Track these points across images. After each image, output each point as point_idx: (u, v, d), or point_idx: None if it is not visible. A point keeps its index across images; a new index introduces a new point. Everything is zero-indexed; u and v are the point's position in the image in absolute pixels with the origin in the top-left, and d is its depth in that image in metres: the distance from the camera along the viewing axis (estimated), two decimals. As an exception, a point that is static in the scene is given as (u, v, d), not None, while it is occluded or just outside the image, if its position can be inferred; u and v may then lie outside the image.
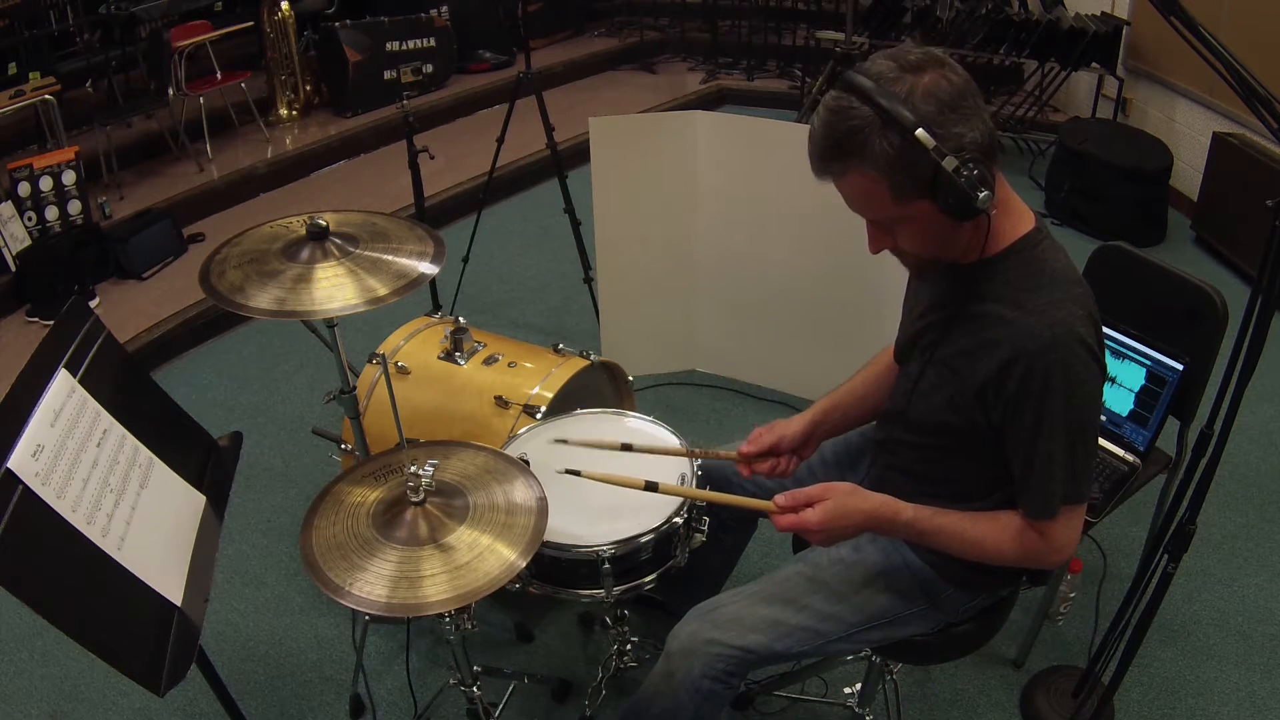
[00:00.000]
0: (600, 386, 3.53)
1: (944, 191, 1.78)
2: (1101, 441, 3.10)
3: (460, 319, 3.46)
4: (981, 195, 1.77)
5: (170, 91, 6.90)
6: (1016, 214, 2.00)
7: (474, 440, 2.50)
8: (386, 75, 8.16)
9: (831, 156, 1.84)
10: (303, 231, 2.52)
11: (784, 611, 2.26)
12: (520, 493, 2.27)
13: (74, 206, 5.65)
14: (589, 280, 5.00)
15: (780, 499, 2.10)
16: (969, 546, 2.09)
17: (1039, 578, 2.40)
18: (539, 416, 3.05)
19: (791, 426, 2.47)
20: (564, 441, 2.57)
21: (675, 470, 2.62)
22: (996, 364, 1.94)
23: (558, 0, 9.95)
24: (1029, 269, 1.96)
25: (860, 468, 2.57)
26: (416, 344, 3.44)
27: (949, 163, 1.74)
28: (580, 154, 4.73)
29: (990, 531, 2.08)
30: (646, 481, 2.24)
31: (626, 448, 2.43)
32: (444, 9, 8.67)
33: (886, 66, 1.80)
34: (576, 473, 2.29)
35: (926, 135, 1.73)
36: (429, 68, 8.49)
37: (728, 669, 2.24)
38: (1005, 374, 1.93)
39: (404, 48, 8.28)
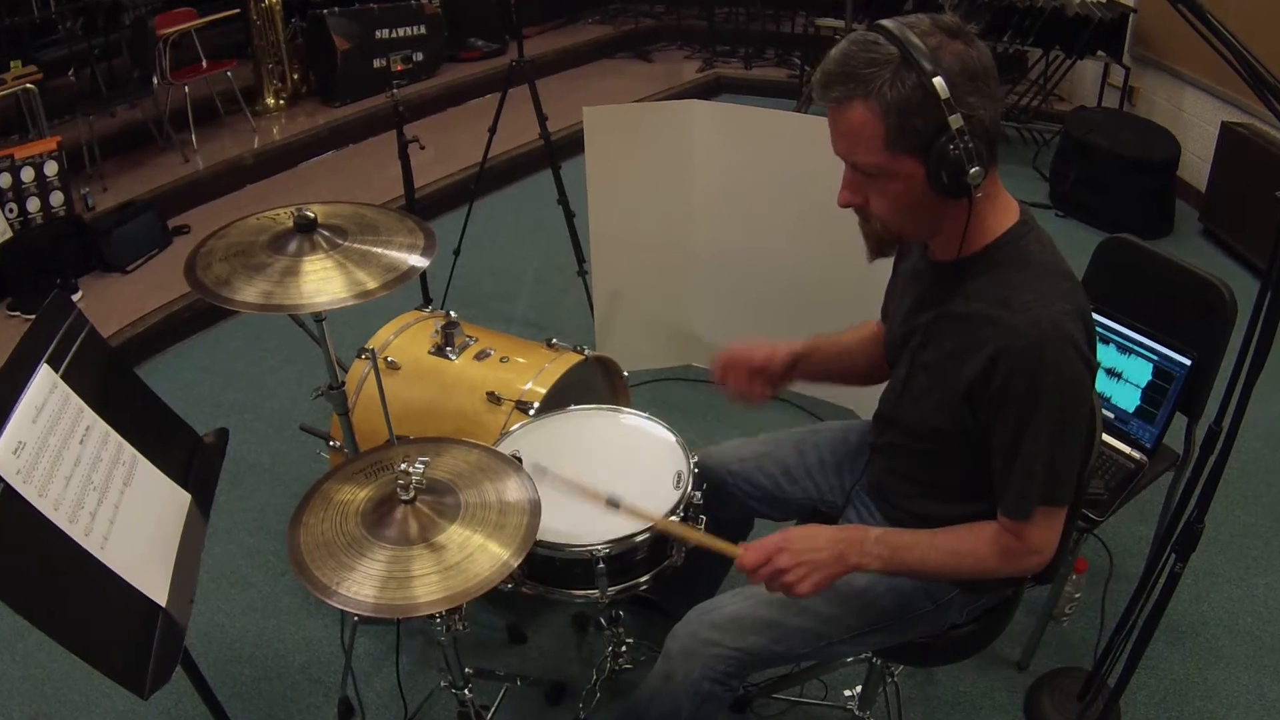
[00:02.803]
0: (595, 382, 3.53)
1: (938, 155, 1.78)
2: (1107, 438, 3.10)
3: (451, 313, 3.46)
4: (973, 170, 1.77)
5: (155, 80, 6.89)
6: (1003, 209, 1.99)
7: (465, 437, 2.49)
8: (376, 63, 8.14)
9: (838, 80, 1.82)
10: (290, 223, 2.51)
11: (784, 613, 2.26)
12: (513, 491, 2.27)
13: (56, 198, 5.64)
14: (583, 273, 5.00)
15: (745, 546, 2.11)
16: (945, 556, 2.08)
17: (1043, 576, 2.40)
18: (532, 413, 3.05)
19: (780, 347, 2.53)
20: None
21: (672, 467, 2.62)
22: (981, 364, 1.93)
23: (551, -14, 9.94)
24: (1014, 264, 1.96)
25: (857, 467, 2.57)
26: (406, 339, 3.44)
27: (954, 120, 1.75)
28: (574, 144, 4.72)
29: (966, 539, 2.08)
30: (609, 498, 2.25)
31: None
32: (435, -5, 8.67)
33: (923, 20, 1.81)
34: (544, 470, 2.29)
35: (943, 85, 1.73)
36: (419, 56, 8.49)
37: (727, 670, 2.24)
38: (989, 373, 1.92)
39: (394, 35, 8.27)
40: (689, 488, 2.56)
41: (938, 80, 1.73)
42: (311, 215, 2.50)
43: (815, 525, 2.14)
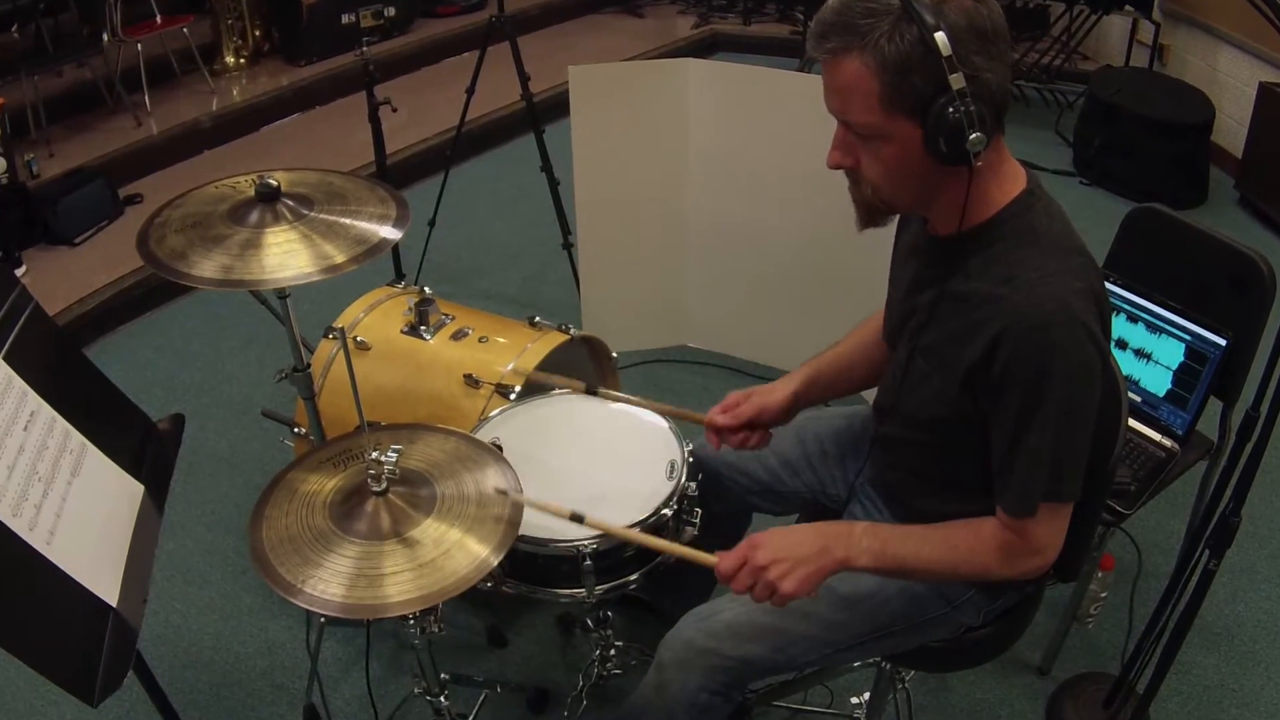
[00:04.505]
0: (581, 364, 3.53)
1: (936, 117, 1.76)
2: (1136, 424, 3.11)
3: (426, 289, 3.45)
4: (973, 136, 1.75)
5: (105, 37, 6.84)
6: (1007, 178, 1.97)
7: (441, 423, 2.49)
8: (344, 19, 8.08)
9: (834, 31, 1.80)
10: (251, 192, 2.50)
11: (787, 619, 2.25)
12: (493, 482, 2.27)
13: (-3, 164, 5.63)
14: (568, 246, 5.00)
15: (721, 555, 2.08)
16: (940, 552, 2.06)
17: (1066, 573, 2.39)
18: (513, 397, 3.04)
19: (774, 398, 2.47)
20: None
21: (665, 457, 2.62)
22: (982, 347, 1.92)
23: (534, -65, 9.88)
24: (1019, 238, 1.94)
25: (862, 457, 2.56)
26: (377, 317, 3.43)
27: (956, 80, 1.72)
28: (559, 106, 4.71)
29: (963, 535, 2.07)
30: (573, 513, 2.25)
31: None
32: (408, -55, 8.63)
33: None
34: (504, 493, 2.26)
35: (945, 41, 1.71)
36: (391, 10, 8.42)
37: (726, 681, 2.25)
38: (990, 357, 1.91)
39: (363, -12, 8.23)
40: (683, 478, 2.56)
41: (940, 35, 1.71)
42: (274, 183, 2.48)
43: (791, 526, 2.12)
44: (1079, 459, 1.96)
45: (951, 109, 1.74)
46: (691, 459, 2.62)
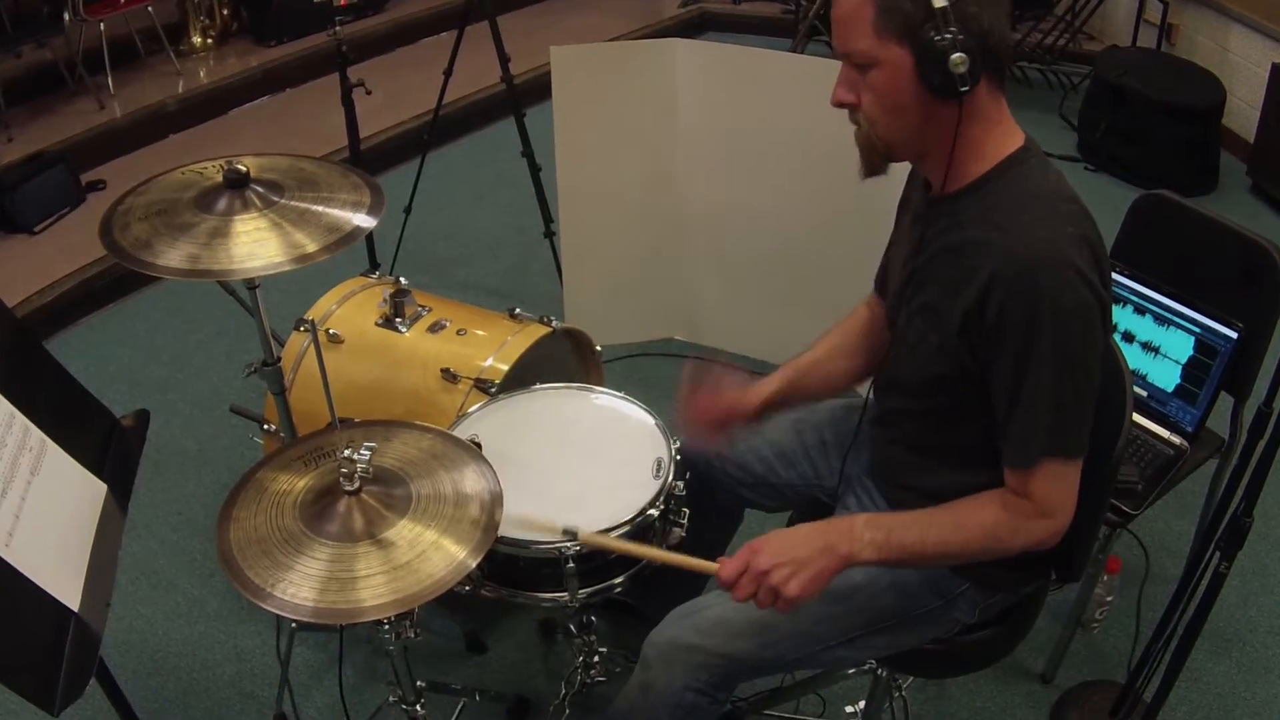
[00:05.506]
0: (564, 357, 3.53)
1: (924, 42, 1.84)
2: (1143, 420, 3.11)
3: (401, 280, 3.45)
4: (954, 56, 1.82)
5: (66, 16, 6.80)
6: (1007, 135, 2.03)
7: (417, 420, 2.49)
8: (316, -3, 8.08)
9: None
10: (219, 178, 2.50)
11: (775, 615, 2.23)
12: (471, 481, 2.26)
13: (-47, 149, 5.62)
14: (551, 235, 4.99)
15: (722, 560, 2.10)
16: (947, 530, 2.07)
17: (1069, 573, 2.39)
18: (493, 392, 3.04)
19: (748, 402, 2.52)
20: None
21: (651, 454, 2.62)
22: (974, 294, 1.95)
23: (515, -91, 9.86)
24: (1011, 188, 1.99)
25: (860, 446, 2.56)
26: (351, 308, 3.43)
27: (939, 1, 1.81)
28: (540, 89, 4.71)
29: (968, 509, 2.08)
30: (565, 529, 2.29)
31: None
32: (382, -81, 8.61)
33: None
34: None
35: None
36: (365, -12, 8.43)
37: (712, 680, 2.26)
38: (983, 304, 1.94)
39: (336, -35, 8.18)
40: (670, 477, 2.56)
41: None
42: (243, 169, 2.48)
43: (789, 528, 2.14)
44: (1082, 411, 1.98)
45: (936, 33, 1.82)
46: (679, 457, 2.62)
